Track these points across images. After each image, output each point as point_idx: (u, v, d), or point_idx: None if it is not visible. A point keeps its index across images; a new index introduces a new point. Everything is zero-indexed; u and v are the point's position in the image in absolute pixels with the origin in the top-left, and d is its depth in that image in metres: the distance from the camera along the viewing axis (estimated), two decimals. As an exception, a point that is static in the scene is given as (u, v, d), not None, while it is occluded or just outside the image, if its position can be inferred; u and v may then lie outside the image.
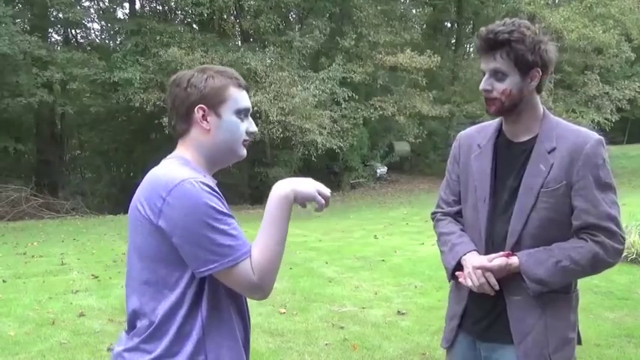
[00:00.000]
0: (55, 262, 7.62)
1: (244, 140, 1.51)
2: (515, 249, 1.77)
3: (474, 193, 1.88)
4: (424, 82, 17.85)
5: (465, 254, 1.84)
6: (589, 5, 17.86)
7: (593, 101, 19.45)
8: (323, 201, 1.45)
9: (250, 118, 1.53)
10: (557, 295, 1.78)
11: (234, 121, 1.47)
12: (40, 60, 15.44)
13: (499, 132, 1.89)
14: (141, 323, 1.39)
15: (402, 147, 20.33)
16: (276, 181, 1.49)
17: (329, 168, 19.46)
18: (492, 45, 1.71)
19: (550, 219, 1.75)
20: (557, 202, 1.73)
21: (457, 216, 1.98)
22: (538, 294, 1.74)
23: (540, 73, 1.74)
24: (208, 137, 1.46)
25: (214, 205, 1.31)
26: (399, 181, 19.92)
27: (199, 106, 1.43)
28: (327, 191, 1.46)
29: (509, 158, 1.83)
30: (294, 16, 20.35)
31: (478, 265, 1.77)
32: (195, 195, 1.30)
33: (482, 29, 1.74)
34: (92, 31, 22.25)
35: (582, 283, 5.82)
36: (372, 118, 17.41)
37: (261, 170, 17.46)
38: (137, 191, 1.40)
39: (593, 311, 4.88)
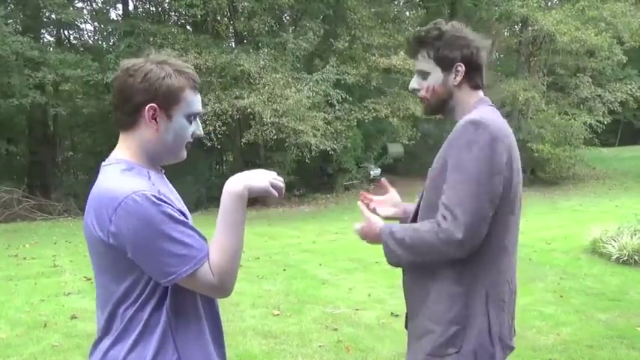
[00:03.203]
0: (47, 264, 7.58)
1: (187, 142, 1.48)
2: None
3: None
4: (418, 84, 17.88)
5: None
6: (581, 8, 17.95)
7: (585, 103, 19.54)
8: (276, 194, 1.44)
9: (198, 121, 1.49)
10: (432, 283, 1.75)
11: (183, 125, 1.44)
12: (33, 61, 15.31)
13: None
14: (111, 328, 1.40)
15: (396, 149, 20.34)
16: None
17: (323, 170, 19.44)
18: (414, 48, 1.79)
19: (431, 200, 1.76)
20: (434, 183, 1.76)
21: None
22: (395, 264, 1.83)
23: (464, 68, 1.76)
24: (154, 137, 1.42)
25: (163, 215, 1.29)
26: (392, 183, 19.38)
27: (150, 105, 1.38)
28: (279, 182, 1.45)
29: None
30: (287, 17, 20.34)
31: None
32: (141, 211, 1.27)
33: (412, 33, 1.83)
34: (85, 32, 22.15)
35: (575, 285, 5.78)
36: (366, 120, 17.40)
37: (254, 172, 17.39)
38: (86, 208, 1.37)
39: (586, 312, 4.90)
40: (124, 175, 1.36)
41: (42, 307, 5.39)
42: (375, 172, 19.94)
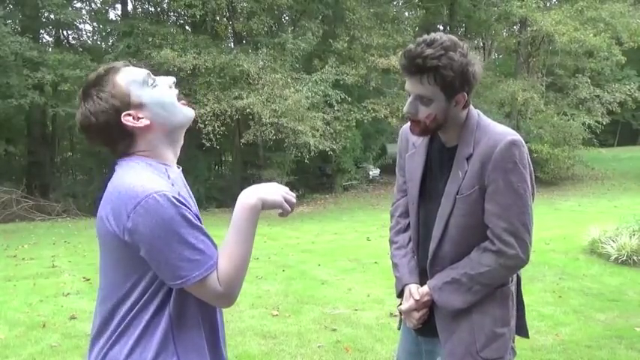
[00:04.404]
0: (45, 265, 7.57)
1: (179, 99, 1.44)
2: (436, 253, 1.83)
3: (408, 193, 1.95)
4: (417, 84, 17.87)
5: (404, 285, 1.94)
6: (580, 9, 17.98)
7: (584, 104, 19.57)
8: (289, 208, 1.44)
9: (159, 76, 1.45)
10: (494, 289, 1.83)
11: (154, 93, 1.41)
12: (31, 61, 15.32)
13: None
14: (111, 327, 1.39)
15: (395, 149, 20.34)
16: (270, 182, 1.48)
17: (322, 170, 19.45)
18: (420, 69, 1.66)
19: (467, 225, 1.77)
20: (471, 208, 1.74)
21: (407, 214, 2.01)
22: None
23: (466, 97, 1.73)
24: (154, 128, 1.40)
25: (180, 219, 1.28)
26: (391, 183, 19.92)
27: (125, 113, 1.37)
28: (292, 197, 1.46)
29: (442, 163, 1.84)
30: (286, 18, 20.35)
31: (401, 310, 1.92)
32: (161, 211, 1.26)
33: (410, 49, 1.68)
34: (84, 33, 22.16)
35: (574, 285, 5.76)
36: (365, 120, 17.43)
37: (253, 172, 17.44)
38: (102, 203, 1.37)
39: (584, 313, 4.90)
40: (144, 173, 1.35)
41: (41, 307, 5.39)
42: (374, 172, 19.95)
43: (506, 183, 1.69)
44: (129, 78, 1.40)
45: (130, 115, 1.37)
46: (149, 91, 1.40)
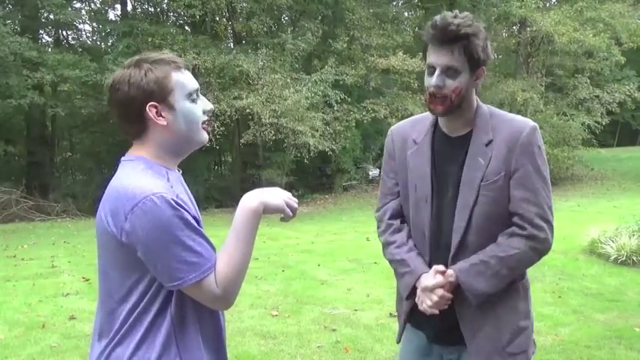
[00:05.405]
0: (45, 265, 7.57)
1: (203, 122, 1.47)
2: (460, 246, 1.74)
3: (415, 192, 1.83)
4: (416, 84, 17.91)
5: (420, 275, 1.79)
6: (579, 9, 18.00)
7: (583, 104, 19.59)
8: (291, 213, 1.45)
9: (202, 97, 1.48)
10: (506, 287, 1.77)
11: (188, 107, 1.43)
12: (31, 61, 15.30)
13: (435, 126, 1.83)
14: (113, 327, 1.39)
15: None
16: (269, 182, 1.49)
17: (321, 170, 19.45)
18: (451, 38, 1.62)
19: (492, 213, 1.72)
20: (497, 195, 1.71)
21: (397, 216, 1.93)
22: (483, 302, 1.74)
23: (484, 71, 1.72)
24: (168, 132, 1.41)
25: (177, 221, 1.29)
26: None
27: (150, 104, 1.38)
28: (294, 202, 1.46)
29: (449, 153, 1.78)
30: (286, 18, 20.35)
31: (424, 287, 1.76)
32: (158, 213, 1.27)
33: (439, 18, 1.64)
34: (83, 33, 22.13)
35: (573, 285, 5.75)
36: (365, 121, 17.42)
37: (253, 172, 17.45)
38: (102, 202, 1.37)
39: (584, 313, 4.91)
40: (144, 175, 1.36)
41: (40, 307, 5.39)
42: (374, 172, 19.95)
43: (535, 167, 1.70)
44: (181, 80, 1.42)
45: (155, 107, 1.39)
46: (186, 102, 1.42)
